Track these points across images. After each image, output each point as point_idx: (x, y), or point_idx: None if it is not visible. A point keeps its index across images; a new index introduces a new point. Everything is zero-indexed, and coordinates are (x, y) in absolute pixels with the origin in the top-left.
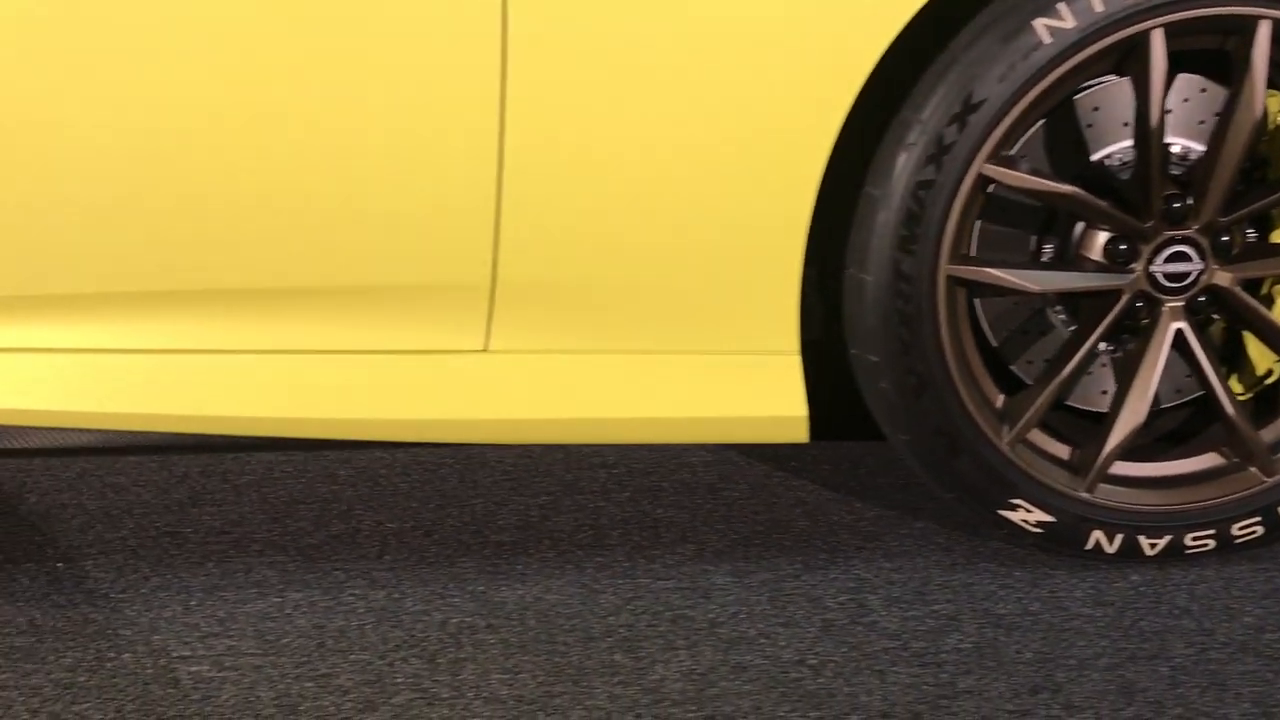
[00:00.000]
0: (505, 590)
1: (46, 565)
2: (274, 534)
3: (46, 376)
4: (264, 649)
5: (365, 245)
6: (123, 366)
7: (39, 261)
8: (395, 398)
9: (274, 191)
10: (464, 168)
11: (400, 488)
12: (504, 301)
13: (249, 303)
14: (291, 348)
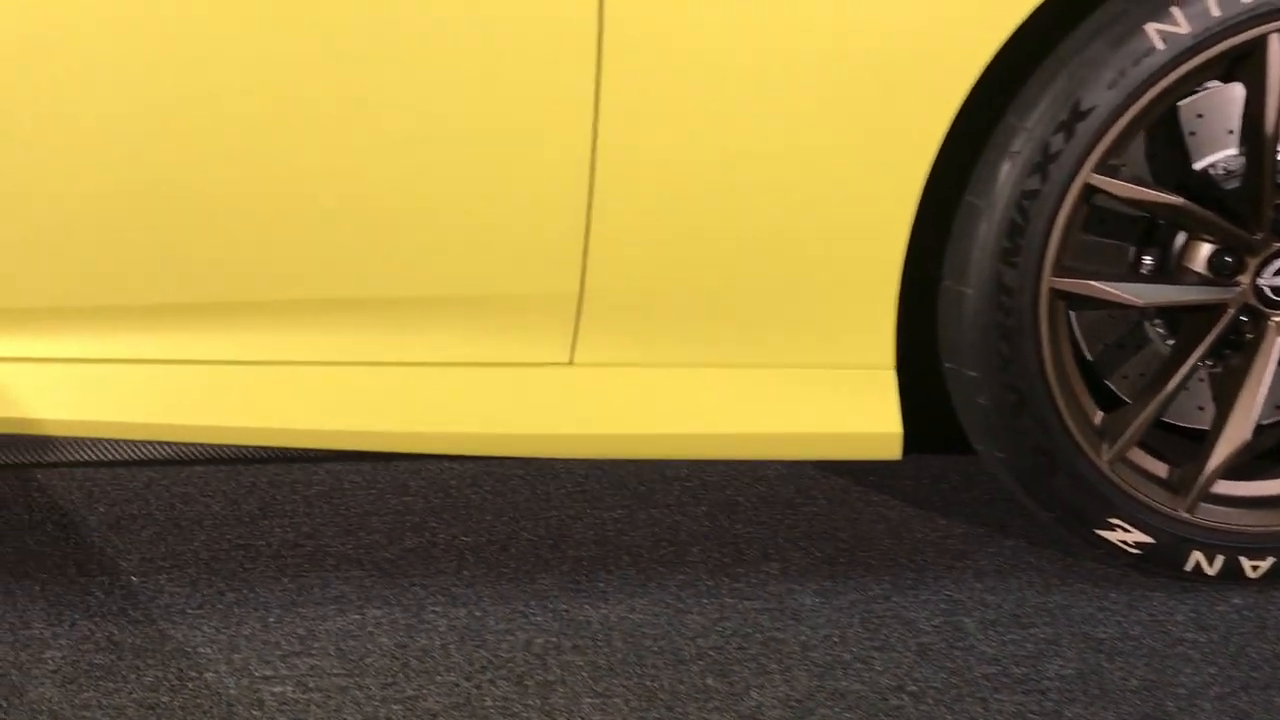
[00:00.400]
0: (588, 609)
1: (121, 579)
2: (348, 547)
3: (129, 387)
4: (347, 669)
5: (454, 255)
6: (204, 378)
7: (118, 273)
8: (479, 411)
9: (363, 202)
10: (556, 176)
11: (472, 500)
12: (591, 313)
13: (337, 314)
14: (374, 360)
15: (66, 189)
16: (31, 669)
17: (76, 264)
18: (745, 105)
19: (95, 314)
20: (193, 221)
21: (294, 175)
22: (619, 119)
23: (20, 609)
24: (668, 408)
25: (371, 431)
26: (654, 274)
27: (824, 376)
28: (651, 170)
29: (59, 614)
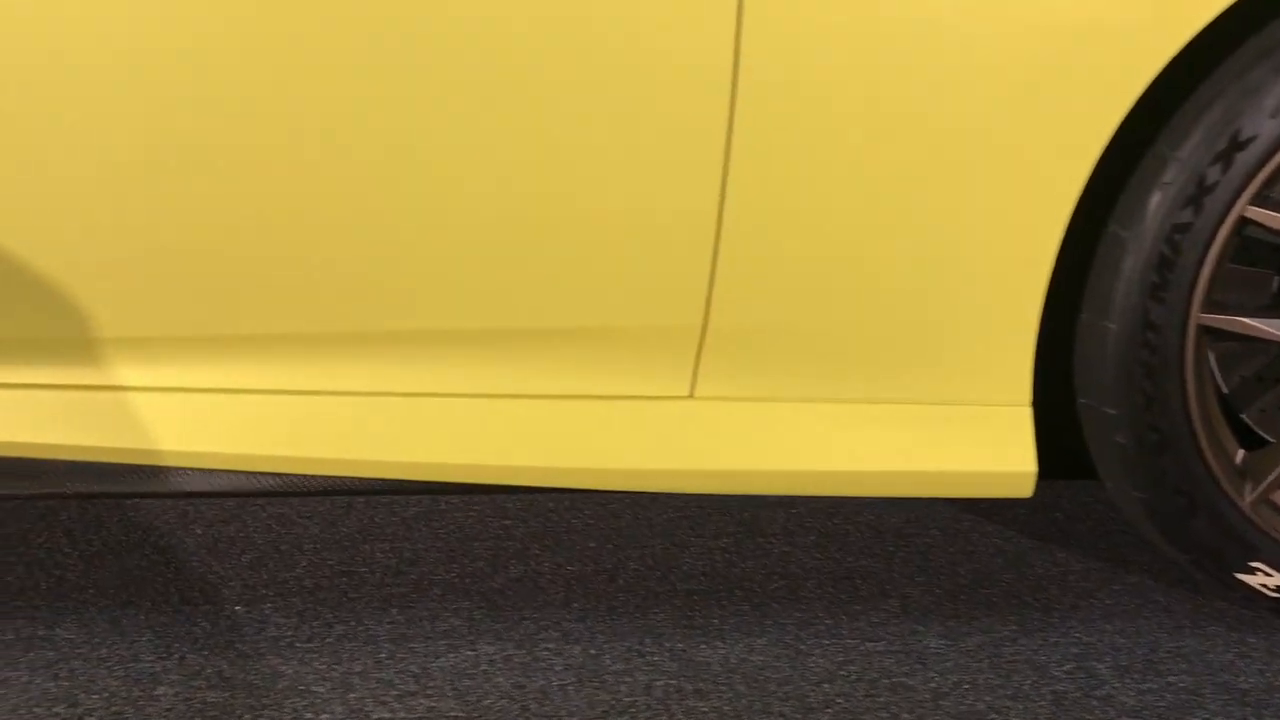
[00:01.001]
0: (706, 649)
1: (225, 609)
2: (452, 575)
3: (263, 418)
4: (467, 711)
5: (581, 288)
6: (328, 410)
7: (263, 302)
8: (599, 446)
9: (498, 236)
10: (686, 209)
11: (574, 525)
12: (713, 346)
13: (460, 346)
14: (497, 393)
15: (214, 217)
16: (145, 706)
17: (222, 294)
18: (882, 139)
19: (243, 343)
20: (335, 252)
21: (432, 205)
22: (751, 154)
23: (129, 640)
24: (791, 444)
25: (494, 466)
26: (780, 308)
27: (957, 413)
28: (782, 204)
29: (167, 646)
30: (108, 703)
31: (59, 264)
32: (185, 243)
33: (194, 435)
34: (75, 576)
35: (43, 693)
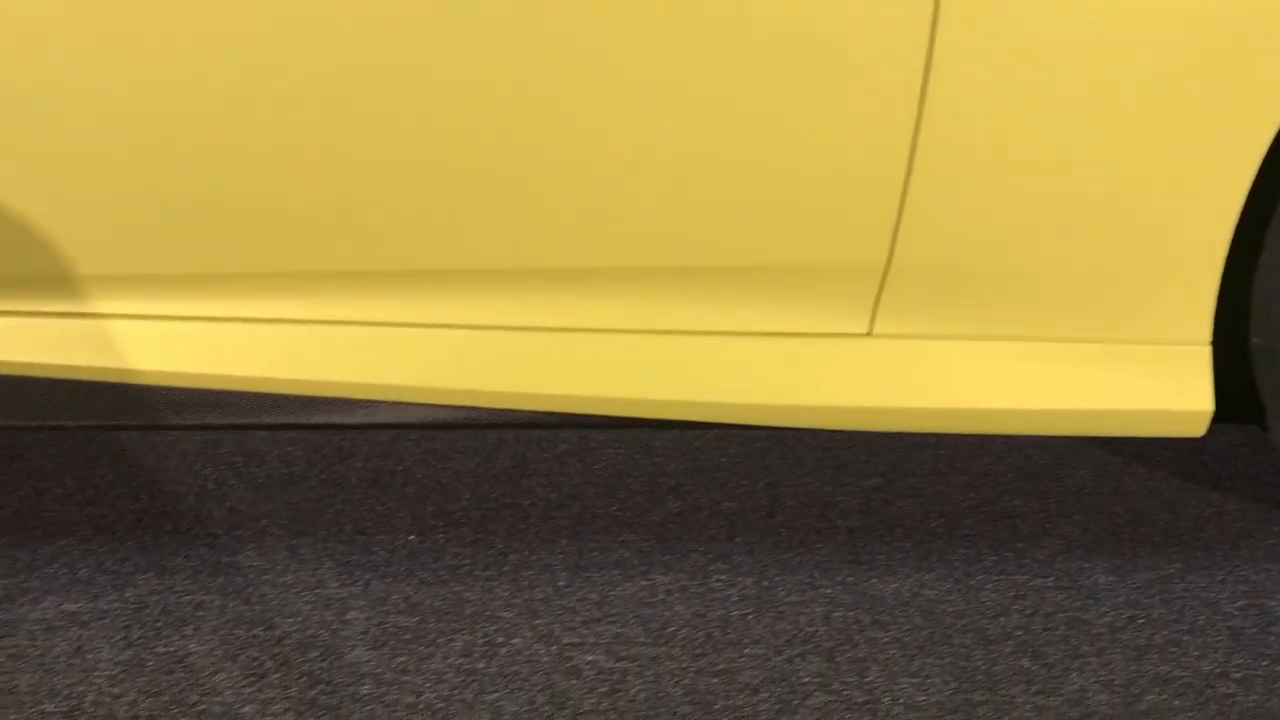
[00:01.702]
0: (877, 583)
1: (399, 538)
2: (613, 509)
3: (450, 352)
4: (653, 638)
5: (768, 226)
6: (510, 344)
7: (442, 238)
8: (776, 382)
9: (686, 173)
10: (878, 149)
11: (722, 463)
12: (894, 284)
13: (641, 282)
14: (672, 329)
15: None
16: (340, 630)
17: (412, 231)
18: (1078, 76)
19: (428, 278)
20: (516, 190)
21: (620, 143)
22: (944, 93)
23: (310, 567)
24: (970, 381)
25: (669, 400)
26: (966, 248)
27: (1139, 352)
28: (974, 143)
29: (349, 573)
30: (302, 626)
31: (263, 198)
32: (394, 181)
33: (380, 368)
34: (246, 507)
35: (238, 616)
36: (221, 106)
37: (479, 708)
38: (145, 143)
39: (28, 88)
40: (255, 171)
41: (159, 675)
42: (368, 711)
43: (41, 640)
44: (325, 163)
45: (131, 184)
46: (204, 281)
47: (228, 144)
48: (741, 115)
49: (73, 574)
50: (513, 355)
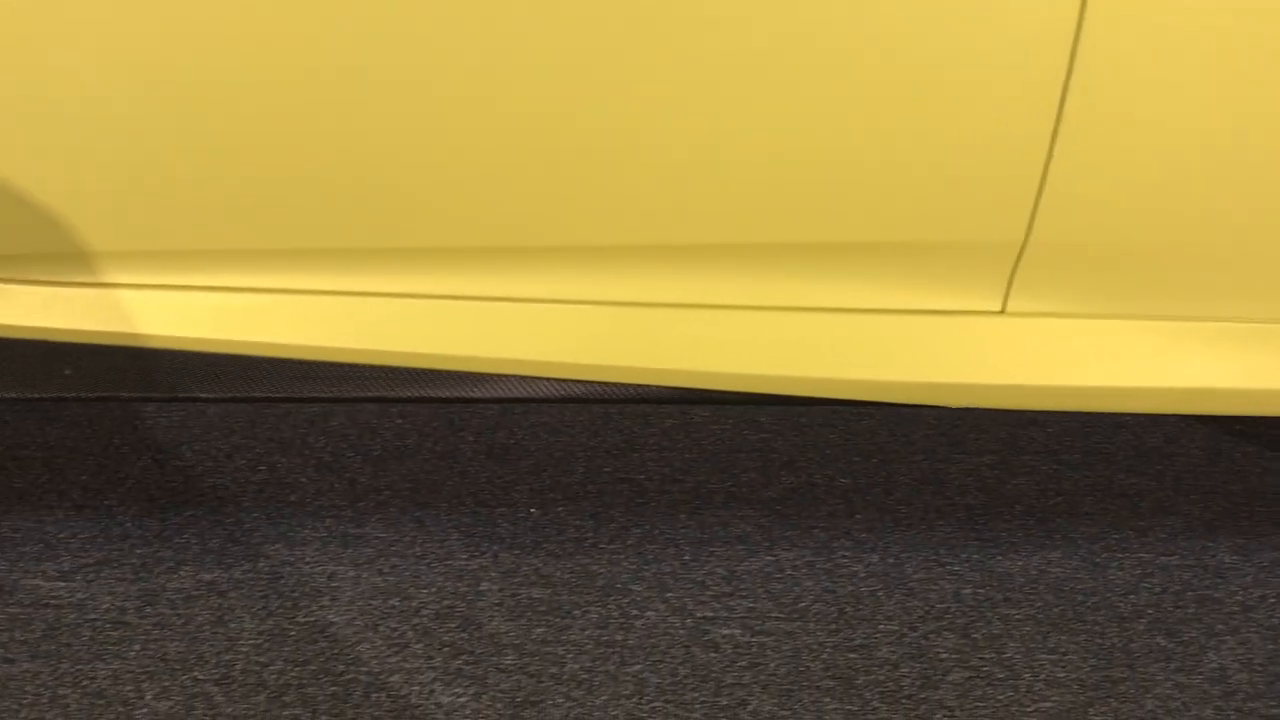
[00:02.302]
0: (1003, 560)
1: (520, 511)
2: (728, 484)
3: (579, 328)
4: (785, 613)
5: (906, 201)
6: (633, 320)
7: (566, 213)
8: (908, 359)
9: (827, 149)
10: (1022, 126)
11: (831, 439)
12: (1030, 262)
13: (775, 258)
14: (808, 305)
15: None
16: (474, 601)
17: (548, 207)
18: (1220, 60)
19: (566, 255)
20: (655, 167)
21: (768, 122)
22: (1092, 72)
23: (437, 538)
24: (1100, 360)
25: (800, 377)
26: (1101, 228)
27: (1264, 331)
28: (1117, 126)
29: (476, 545)
30: (437, 597)
31: (395, 175)
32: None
33: (518, 343)
34: (365, 479)
35: (373, 587)
36: (370, 90)
37: (623, 679)
38: (275, 125)
39: (96, 71)
40: (386, 148)
41: (303, 645)
42: (514, 682)
43: (183, 609)
44: (457, 140)
45: (270, 160)
46: (340, 257)
47: (371, 121)
48: (887, 95)
49: (204, 544)
50: (644, 331)
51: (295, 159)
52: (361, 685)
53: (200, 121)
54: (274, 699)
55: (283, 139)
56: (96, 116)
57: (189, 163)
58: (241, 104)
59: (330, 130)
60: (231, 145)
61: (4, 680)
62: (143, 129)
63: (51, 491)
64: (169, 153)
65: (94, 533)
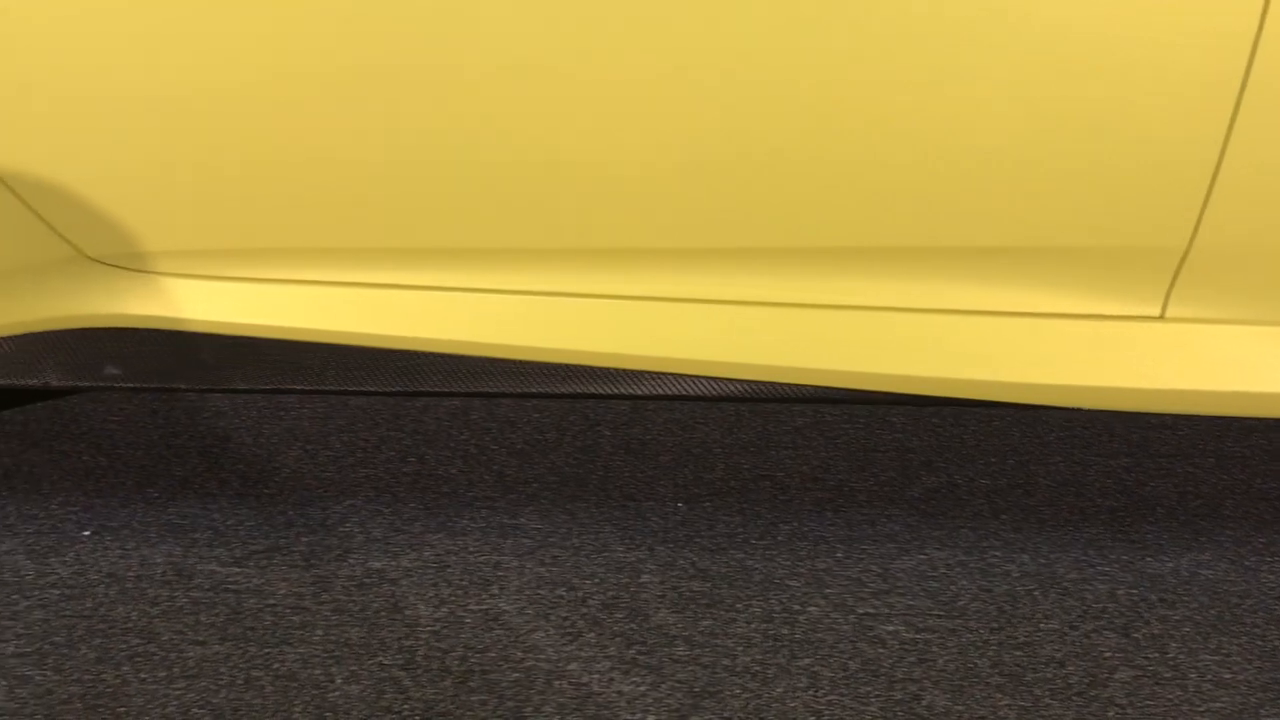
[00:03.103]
0: (1153, 562)
1: (668, 505)
2: (869, 483)
3: (734, 329)
4: (944, 610)
5: (1072, 207)
6: (796, 321)
7: (757, 217)
8: (1068, 363)
9: (989, 150)
10: (1194, 134)
11: (965, 440)
12: (1191, 268)
13: (933, 262)
14: (965, 309)
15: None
16: (638, 592)
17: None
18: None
19: (723, 257)
20: (817, 171)
21: (924, 120)
22: (1267, 83)
23: (591, 531)
24: (1257, 366)
25: (959, 379)
26: (1266, 235)
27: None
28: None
29: (631, 538)
30: (601, 588)
31: (573, 177)
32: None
33: (671, 343)
34: (512, 471)
35: (537, 577)
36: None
37: (795, 672)
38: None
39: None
40: (566, 152)
41: (479, 632)
42: (689, 673)
43: (358, 595)
44: (643, 145)
45: (442, 160)
46: (516, 257)
47: (552, 123)
48: (1059, 103)
49: (367, 534)
50: (812, 332)
51: (468, 161)
52: (542, 673)
53: (372, 123)
54: (460, 684)
55: (454, 139)
56: (255, 116)
57: (360, 163)
58: (413, 104)
59: (504, 133)
60: (404, 145)
61: (199, 661)
62: (308, 130)
63: (211, 480)
64: (339, 154)
65: (259, 520)
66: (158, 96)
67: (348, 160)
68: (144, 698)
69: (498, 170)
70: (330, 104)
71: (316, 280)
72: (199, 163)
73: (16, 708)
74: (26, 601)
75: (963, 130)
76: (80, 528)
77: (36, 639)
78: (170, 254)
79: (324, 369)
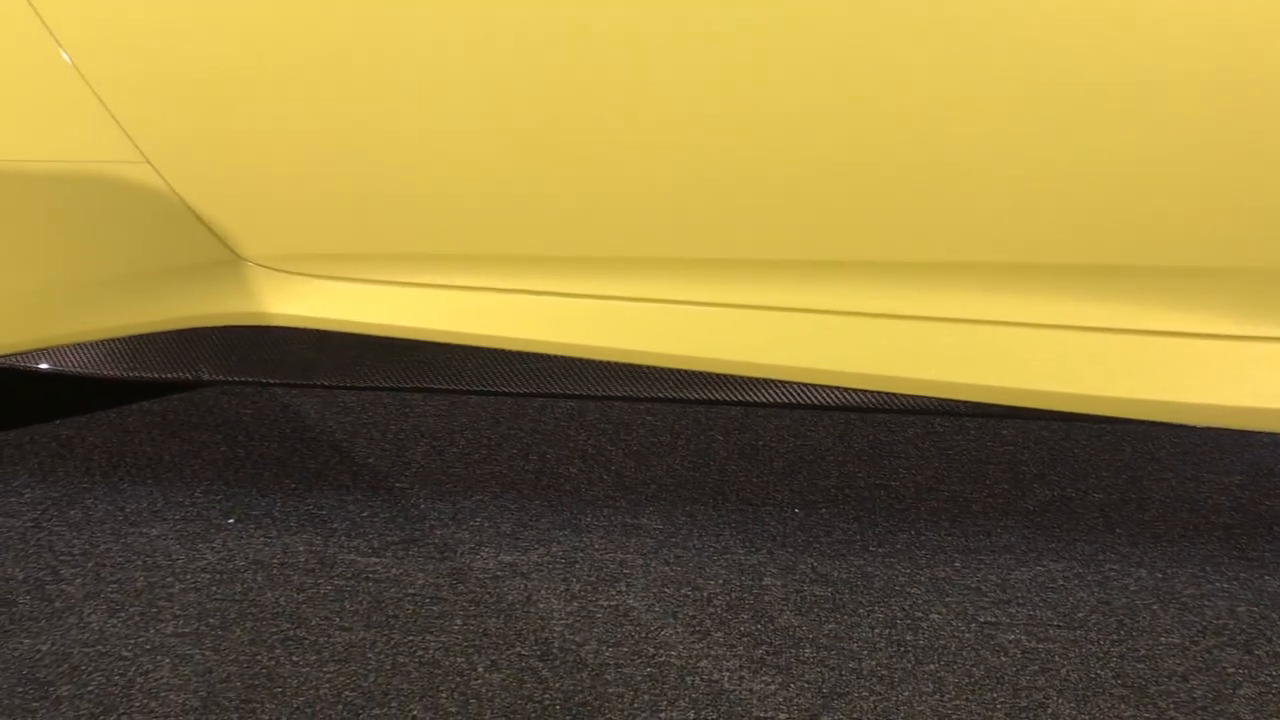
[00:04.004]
0: (1271, 580)
1: (785, 510)
2: (983, 495)
3: (867, 341)
4: (1064, 621)
5: (1225, 227)
6: (925, 333)
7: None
8: (1213, 383)
9: (1152, 172)
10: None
11: (1076, 454)
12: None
13: (1087, 279)
14: (1101, 326)
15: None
16: (761, 594)
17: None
18: None
19: (862, 269)
20: (955, 187)
21: (1095, 137)
22: None
23: (712, 533)
24: None
25: (1107, 397)
26: None
27: None
28: None
29: (751, 541)
30: (725, 588)
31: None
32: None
33: (796, 352)
34: (630, 472)
35: (662, 576)
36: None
37: (921, 676)
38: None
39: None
40: (723, 169)
41: (610, 627)
42: (817, 674)
43: (492, 588)
44: (783, 161)
45: (598, 174)
46: (661, 266)
47: (707, 139)
48: (1214, 125)
49: (497, 528)
50: (953, 346)
51: (625, 172)
52: (675, 669)
53: (529, 133)
54: (596, 676)
55: (614, 152)
56: (413, 125)
57: (514, 173)
58: (568, 116)
59: (668, 145)
60: (559, 157)
61: (346, 646)
62: (464, 139)
63: (344, 473)
64: (494, 162)
65: (393, 513)
66: (319, 107)
67: (503, 169)
68: (298, 679)
69: (649, 183)
70: (488, 113)
71: (457, 285)
72: (358, 171)
73: (181, 684)
74: (180, 585)
75: (1122, 146)
76: (224, 515)
77: (193, 619)
78: (320, 257)
79: (461, 369)
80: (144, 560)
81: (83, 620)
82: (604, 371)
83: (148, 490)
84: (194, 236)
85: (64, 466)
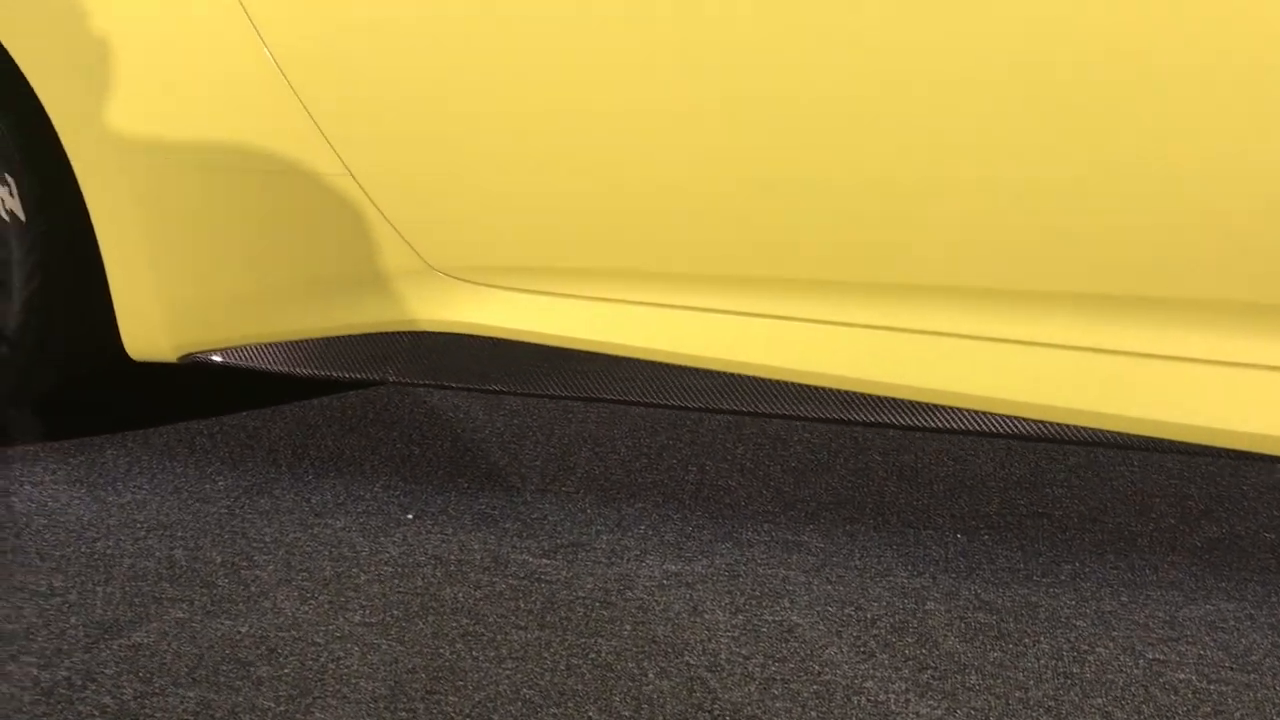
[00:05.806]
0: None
1: (947, 535)
2: (1149, 529)
3: (1027, 368)
4: (1236, 663)
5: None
6: (1090, 366)
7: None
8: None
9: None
10: None
11: (1244, 490)
12: None
13: (1236, 314)
14: (1255, 362)
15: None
16: (925, 619)
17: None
18: None
19: (1025, 299)
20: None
21: (1190, 171)
22: None
23: (873, 555)
24: None
25: (1257, 434)
26: None
27: None
28: None
29: (914, 565)
30: (888, 611)
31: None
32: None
33: (969, 379)
34: (789, 489)
35: (825, 595)
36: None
37: (1089, 710)
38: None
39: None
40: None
41: (776, 643)
42: (983, 701)
43: (659, 596)
44: (939, 187)
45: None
46: (819, 288)
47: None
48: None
49: (660, 537)
50: (1111, 379)
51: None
52: (841, 687)
53: (721, 156)
54: (763, 690)
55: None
56: (604, 141)
57: (704, 193)
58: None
59: (845, 166)
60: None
61: (523, 645)
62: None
63: (514, 474)
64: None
65: (561, 516)
66: (514, 123)
67: (693, 189)
68: (479, 674)
69: (822, 205)
70: (683, 134)
71: (633, 300)
72: (550, 187)
73: (369, 672)
74: (365, 576)
75: (1233, 189)
76: (403, 510)
77: (379, 610)
78: (504, 269)
79: (631, 381)
80: (330, 551)
81: (276, 605)
82: (772, 389)
83: (331, 483)
84: (390, 246)
85: (252, 458)
